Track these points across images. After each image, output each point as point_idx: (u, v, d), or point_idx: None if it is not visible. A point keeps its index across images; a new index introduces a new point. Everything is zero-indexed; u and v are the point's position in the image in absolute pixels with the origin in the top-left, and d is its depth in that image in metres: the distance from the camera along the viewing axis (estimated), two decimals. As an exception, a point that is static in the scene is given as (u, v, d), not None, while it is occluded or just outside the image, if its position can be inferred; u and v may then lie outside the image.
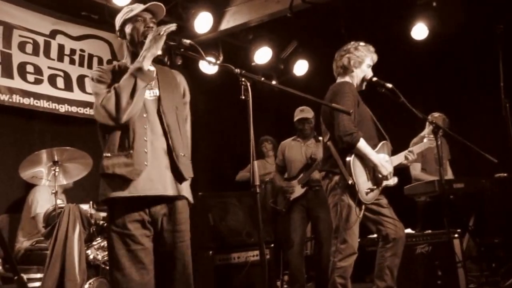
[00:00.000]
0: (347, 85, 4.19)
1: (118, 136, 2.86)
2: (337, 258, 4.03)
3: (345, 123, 3.94)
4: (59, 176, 5.01)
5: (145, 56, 2.84)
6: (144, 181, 2.83)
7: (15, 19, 5.84)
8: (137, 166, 2.82)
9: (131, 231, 2.85)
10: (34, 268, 4.91)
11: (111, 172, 2.82)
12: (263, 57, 7.46)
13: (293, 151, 5.92)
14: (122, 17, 3.05)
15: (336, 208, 4.08)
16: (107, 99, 2.78)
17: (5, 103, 5.64)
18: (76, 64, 6.38)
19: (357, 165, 4.05)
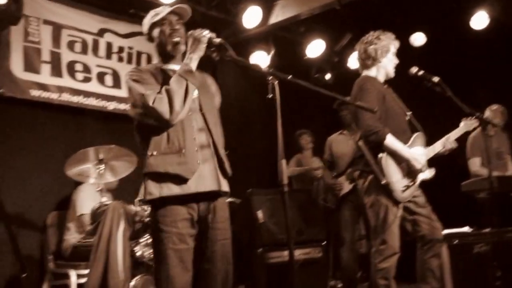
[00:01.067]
0: (369, 81, 4.04)
1: (165, 135, 2.90)
2: (377, 260, 3.90)
3: (368, 122, 3.79)
4: (105, 174, 5.05)
5: (192, 58, 2.89)
6: (196, 179, 2.88)
7: (64, 19, 5.92)
8: (190, 165, 2.88)
9: (179, 230, 2.88)
10: (83, 264, 4.96)
11: (162, 171, 2.86)
12: (316, 50, 7.33)
13: (340, 146, 5.78)
14: (149, 22, 3.11)
15: (373, 208, 3.95)
16: (159, 101, 2.80)
17: (55, 101, 5.73)
18: (124, 62, 6.41)
19: (389, 163, 3.89)
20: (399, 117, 4.09)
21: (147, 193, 2.89)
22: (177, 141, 2.89)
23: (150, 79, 2.96)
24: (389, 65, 4.13)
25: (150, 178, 2.90)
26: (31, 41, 5.64)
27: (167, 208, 2.88)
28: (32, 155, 5.61)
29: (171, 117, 2.82)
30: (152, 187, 2.88)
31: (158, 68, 3.07)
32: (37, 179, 5.62)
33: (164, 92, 2.82)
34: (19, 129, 5.54)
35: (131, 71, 3.00)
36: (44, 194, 5.66)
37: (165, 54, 3.08)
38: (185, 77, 2.85)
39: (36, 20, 5.70)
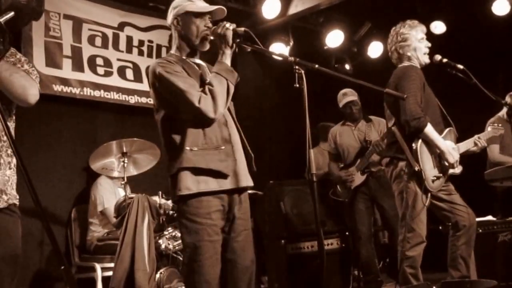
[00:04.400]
0: (413, 69, 4.06)
1: (202, 130, 2.90)
2: (405, 248, 3.92)
3: (411, 107, 3.80)
4: (128, 167, 5.10)
5: (225, 54, 2.91)
6: (232, 175, 2.92)
7: (84, 14, 5.96)
8: (230, 162, 2.91)
9: (214, 221, 2.90)
10: (108, 257, 5.04)
11: (204, 167, 2.85)
12: (336, 40, 7.30)
13: (345, 137, 5.76)
14: (183, 7, 3.03)
15: (402, 195, 3.96)
16: (204, 102, 2.80)
17: (77, 96, 5.77)
18: (144, 55, 6.44)
19: (424, 151, 3.91)
20: (435, 108, 4.12)
21: (184, 188, 2.85)
22: (214, 137, 2.91)
23: (183, 72, 2.93)
24: (418, 54, 4.14)
25: (187, 173, 2.86)
26: (53, 36, 5.69)
27: (201, 199, 2.87)
28: (55, 149, 5.67)
29: (215, 116, 2.84)
30: (190, 182, 2.85)
31: (182, 59, 3.04)
32: (60, 173, 5.68)
33: (208, 92, 2.81)
34: (42, 124, 5.59)
35: (162, 63, 2.92)
36: (68, 188, 5.73)
37: (190, 47, 3.06)
38: (225, 76, 2.86)
39: (57, 15, 5.75)
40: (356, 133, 5.68)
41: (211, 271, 2.86)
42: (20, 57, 2.67)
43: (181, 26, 3.04)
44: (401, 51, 4.18)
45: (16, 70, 2.52)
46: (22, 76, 2.51)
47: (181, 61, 3.02)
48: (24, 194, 1.81)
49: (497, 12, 6.48)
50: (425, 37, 4.21)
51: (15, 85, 2.47)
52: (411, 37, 4.14)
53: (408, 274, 3.89)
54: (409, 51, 4.14)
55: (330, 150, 5.93)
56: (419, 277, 3.93)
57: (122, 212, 4.85)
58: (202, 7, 3.03)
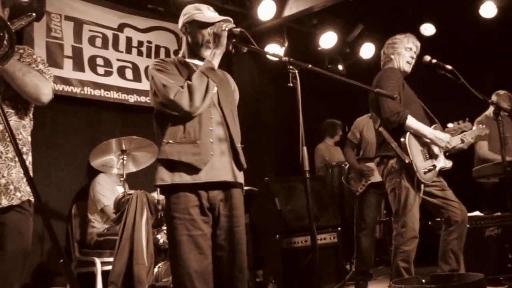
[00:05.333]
0: (390, 70, 4.23)
1: (182, 124, 2.95)
2: (399, 242, 4.01)
3: (389, 104, 3.95)
4: (127, 164, 5.23)
5: (215, 54, 2.94)
6: (208, 169, 2.93)
7: (85, 15, 6.09)
8: (204, 155, 2.92)
9: (192, 216, 2.92)
10: (107, 252, 5.14)
11: (176, 159, 2.90)
12: (329, 41, 7.45)
13: (372, 131, 5.76)
14: (191, 16, 3.11)
15: (394, 192, 4.06)
16: (179, 95, 2.86)
17: (77, 95, 5.89)
18: (143, 56, 6.57)
19: (413, 144, 4.02)
20: (418, 107, 4.24)
21: (158, 179, 2.93)
22: (193, 132, 2.94)
23: (174, 70, 3.02)
24: (401, 60, 4.30)
25: (163, 165, 2.94)
26: (54, 36, 5.81)
27: (178, 195, 2.92)
28: (56, 147, 5.78)
29: (191, 110, 2.88)
30: (165, 173, 2.92)
31: (182, 61, 3.14)
32: (60, 171, 5.79)
33: (186, 87, 2.89)
34: (43, 122, 5.68)
35: (156, 61, 3.04)
36: (68, 185, 5.84)
37: (194, 51, 3.13)
38: (206, 74, 2.91)
39: (58, 16, 5.87)
40: None
41: (193, 265, 2.89)
42: (36, 57, 2.74)
43: (188, 34, 3.13)
44: (387, 51, 4.37)
45: (29, 70, 2.59)
46: (35, 76, 2.58)
47: (180, 63, 3.10)
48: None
49: (485, 14, 6.64)
50: (414, 49, 4.34)
51: (28, 85, 2.55)
52: (400, 42, 4.31)
53: (401, 268, 3.98)
54: (393, 53, 4.31)
55: (352, 138, 5.94)
56: (412, 271, 4.00)
57: (121, 208, 4.94)
58: (208, 18, 3.07)
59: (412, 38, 4.36)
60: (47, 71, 2.74)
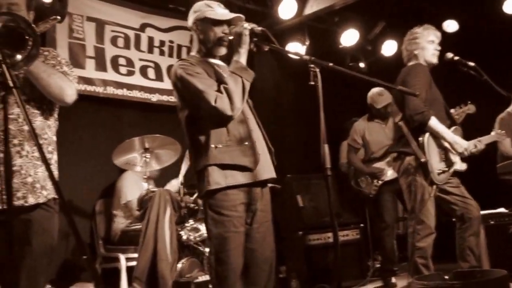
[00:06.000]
0: (419, 66, 4.20)
1: (226, 128, 2.99)
2: (415, 239, 4.03)
3: (415, 102, 3.93)
4: (150, 162, 5.28)
5: (241, 53, 2.98)
6: (258, 168, 3.01)
7: (107, 16, 6.15)
8: (254, 156, 2.99)
9: (240, 213, 2.99)
10: (131, 248, 5.19)
11: (229, 163, 2.95)
12: (350, 39, 7.43)
13: (374, 133, 5.85)
14: (203, 13, 3.12)
15: (410, 189, 4.08)
16: (220, 100, 2.88)
17: (100, 94, 5.97)
18: (165, 55, 6.63)
19: (431, 144, 4.03)
20: (441, 107, 4.23)
21: (214, 183, 2.93)
22: (238, 134, 2.99)
23: (203, 73, 3.02)
24: (426, 54, 4.27)
25: (215, 169, 2.96)
26: (76, 37, 5.88)
27: (226, 192, 2.97)
28: (79, 146, 5.84)
29: (233, 114, 2.91)
30: (218, 177, 2.94)
31: (203, 60, 3.15)
32: (84, 169, 5.85)
33: (224, 91, 2.90)
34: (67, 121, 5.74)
35: (183, 65, 3.03)
36: (92, 183, 5.91)
37: (208, 50, 3.16)
38: (239, 74, 2.94)
39: (80, 17, 5.94)
40: (387, 131, 5.71)
41: (237, 261, 2.95)
42: (60, 59, 2.78)
43: (200, 31, 3.13)
44: (409, 48, 4.33)
45: (54, 72, 2.63)
46: (59, 77, 2.63)
47: (201, 62, 3.11)
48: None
49: (508, 10, 6.56)
50: (437, 41, 4.31)
51: (52, 86, 2.59)
52: (421, 37, 4.28)
53: (419, 264, 4.00)
54: (416, 49, 4.28)
55: (353, 143, 5.98)
56: (430, 267, 4.02)
57: (144, 206, 5.01)
58: (220, 15, 3.10)
59: (432, 29, 4.33)
60: (71, 72, 2.79)
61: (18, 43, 2.24)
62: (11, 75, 2.07)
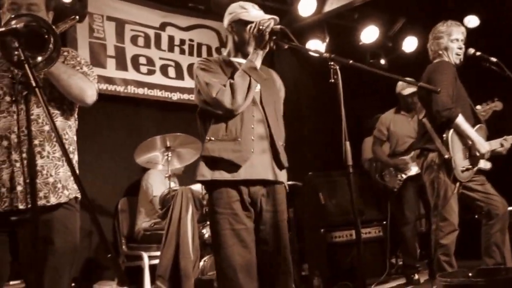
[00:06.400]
0: (446, 63, 4.17)
1: (225, 122, 3.03)
2: (438, 236, 4.02)
3: (443, 98, 3.90)
4: (172, 160, 5.31)
5: (258, 54, 3.00)
6: (247, 166, 3.00)
7: (127, 15, 6.19)
8: (244, 152, 3.00)
9: (234, 211, 3.00)
10: (154, 246, 5.22)
11: (217, 156, 2.99)
12: (370, 36, 7.38)
13: (400, 126, 5.77)
14: (237, 15, 3.16)
15: (433, 186, 4.06)
16: (221, 93, 2.95)
17: (121, 93, 6.00)
18: (186, 54, 6.64)
19: (455, 141, 4.01)
20: (466, 105, 4.20)
21: (199, 175, 3.03)
22: (235, 129, 3.01)
23: (217, 69, 3.09)
24: (450, 54, 4.23)
25: (204, 161, 3.04)
26: (96, 37, 5.93)
27: (220, 190, 3.00)
28: (101, 145, 5.90)
29: (232, 108, 2.95)
30: (205, 170, 3.01)
31: (227, 60, 3.19)
32: (107, 168, 5.91)
33: (228, 85, 2.96)
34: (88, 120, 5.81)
35: (200, 61, 3.13)
36: (115, 181, 5.97)
37: (241, 52, 3.18)
38: (249, 73, 2.97)
39: (100, 17, 5.98)
40: (413, 124, 5.58)
41: (236, 258, 2.95)
42: (80, 60, 2.80)
43: (234, 32, 3.17)
44: (433, 47, 4.30)
45: (74, 73, 2.65)
46: (80, 78, 2.64)
47: (224, 62, 3.16)
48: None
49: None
50: (462, 38, 4.27)
51: (73, 87, 2.60)
52: (445, 36, 4.23)
53: (442, 261, 3.98)
54: (440, 49, 4.24)
55: (379, 135, 5.91)
56: (453, 264, 4.00)
57: (166, 204, 5.04)
58: (253, 16, 3.11)
59: (456, 27, 4.28)
60: (91, 73, 2.80)
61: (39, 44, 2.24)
62: (34, 75, 2.08)
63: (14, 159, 2.51)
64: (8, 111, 2.55)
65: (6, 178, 2.50)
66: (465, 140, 4.05)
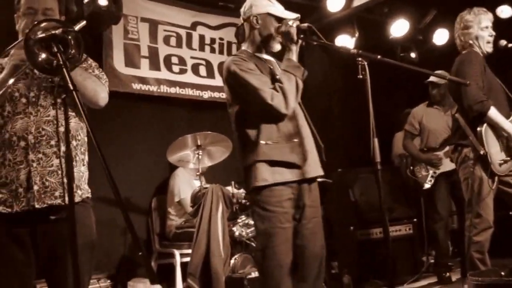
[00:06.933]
0: (473, 54, 4.06)
1: (275, 124, 3.05)
2: (472, 233, 3.93)
3: (473, 91, 3.80)
4: (203, 158, 5.36)
5: (292, 51, 3.04)
6: (306, 165, 3.05)
7: (159, 16, 6.30)
8: (303, 153, 3.04)
9: (285, 209, 3.04)
10: (185, 244, 5.31)
11: (278, 159, 3.01)
12: (401, 29, 7.28)
13: (433, 120, 5.66)
14: (265, 8, 3.17)
15: (467, 181, 3.97)
16: (276, 99, 2.96)
17: (154, 93, 6.11)
18: (216, 52, 6.73)
19: (489, 135, 3.90)
20: (499, 93, 4.09)
21: (260, 180, 2.99)
22: (287, 131, 3.05)
23: (256, 70, 3.08)
24: (480, 42, 4.13)
25: (263, 165, 3.01)
26: (131, 38, 6.05)
27: (272, 188, 3.01)
28: (135, 144, 6.03)
29: (287, 112, 2.99)
30: (266, 173, 2.99)
31: (254, 56, 3.19)
32: (140, 167, 6.01)
33: (279, 89, 2.96)
34: (122, 120, 5.94)
35: (236, 61, 3.08)
36: (148, 180, 6.08)
37: (264, 45, 3.20)
38: (293, 73, 2.99)
39: (134, 18, 6.10)
40: (446, 119, 5.52)
41: (283, 257, 2.99)
42: (91, 63, 2.84)
43: (260, 25, 3.16)
44: (463, 38, 4.17)
45: (89, 76, 2.71)
46: (94, 81, 2.69)
47: (252, 57, 3.16)
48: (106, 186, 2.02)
49: None
50: (491, 25, 4.16)
51: (88, 89, 2.64)
52: (474, 25, 4.11)
53: (475, 259, 3.90)
54: (470, 39, 4.11)
55: (410, 129, 5.80)
56: (487, 262, 3.92)
57: (197, 202, 5.09)
58: (281, 12, 3.15)
59: (484, 14, 4.16)
60: (102, 75, 2.85)
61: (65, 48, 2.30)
62: (72, 78, 2.14)
63: (31, 159, 2.58)
64: (24, 112, 2.61)
65: (23, 178, 2.57)
66: (499, 132, 3.94)
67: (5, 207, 2.57)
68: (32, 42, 2.23)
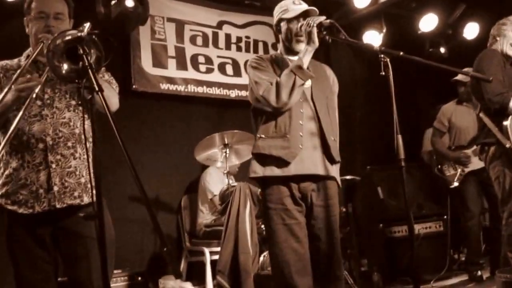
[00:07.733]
0: (491, 51, 4.04)
1: (274, 119, 3.10)
2: (507, 232, 3.87)
3: (492, 85, 3.74)
4: (230, 157, 5.41)
5: (307, 51, 3.03)
6: (297, 162, 3.06)
7: (185, 15, 6.34)
8: (293, 149, 3.05)
9: (286, 206, 3.06)
10: (215, 242, 5.32)
11: (267, 153, 3.07)
12: (429, 24, 7.17)
13: (461, 117, 5.55)
14: (278, 16, 3.26)
15: (498, 180, 3.90)
16: (267, 91, 3.03)
17: (182, 93, 6.15)
18: (242, 51, 6.74)
19: None
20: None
21: (252, 172, 3.12)
22: (284, 126, 3.07)
23: (268, 67, 3.17)
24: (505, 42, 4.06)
25: (256, 159, 3.12)
26: (158, 38, 6.11)
27: (272, 187, 3.08)
28: (165, 144, 6.08)
29: (278, 106, 3.01)
30: (257, 167, 3.10)
31: (280, 57, 3.26)
32: (169, 166, 6.07)
33: (274, 84, 3.02)
34: (151, 120, 6.01)
35: (253, 59, 3.25)
36: (177, 178, 6.13)
37: (288, 46, 3.24)
38: (294, 72, 3.00)
39: (161, 18, 6.16)
40: (476, 117, 5.47)
41: (290, 252, 3.01)
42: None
43: (280, 32, 3.28)
44: (493, 32, 4.14)
45: (101, 81, 2.71)
46: (106, 87, 2.70)
47: (276, 59, 3.25)
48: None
49: None
50: None
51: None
52: (510, 24, 4.06)
53: (510, 258, 3.84)
54: (499, 35, 4.07)
55: (439, 126, 5.69)
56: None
57: (225, 200, 5.16)
58: (292, 13, 3.17)
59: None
60: (112, 80, 2.91)
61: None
62: (98, 80, 2.17)
63: (50, 160, 2.64)
64: (40, 114, 2.67)
65: (43, 179, 2.63)
66: None
67: (27, 208, 2.63)
68: (51, 55, 2.27)
